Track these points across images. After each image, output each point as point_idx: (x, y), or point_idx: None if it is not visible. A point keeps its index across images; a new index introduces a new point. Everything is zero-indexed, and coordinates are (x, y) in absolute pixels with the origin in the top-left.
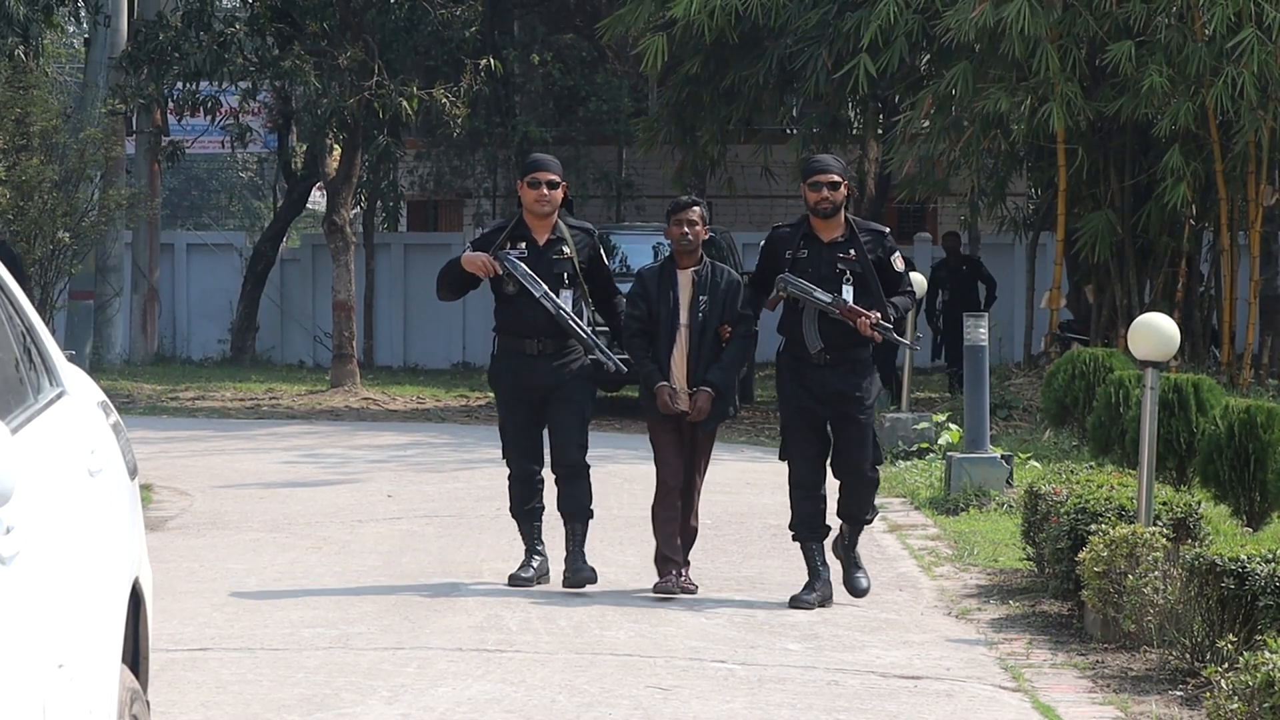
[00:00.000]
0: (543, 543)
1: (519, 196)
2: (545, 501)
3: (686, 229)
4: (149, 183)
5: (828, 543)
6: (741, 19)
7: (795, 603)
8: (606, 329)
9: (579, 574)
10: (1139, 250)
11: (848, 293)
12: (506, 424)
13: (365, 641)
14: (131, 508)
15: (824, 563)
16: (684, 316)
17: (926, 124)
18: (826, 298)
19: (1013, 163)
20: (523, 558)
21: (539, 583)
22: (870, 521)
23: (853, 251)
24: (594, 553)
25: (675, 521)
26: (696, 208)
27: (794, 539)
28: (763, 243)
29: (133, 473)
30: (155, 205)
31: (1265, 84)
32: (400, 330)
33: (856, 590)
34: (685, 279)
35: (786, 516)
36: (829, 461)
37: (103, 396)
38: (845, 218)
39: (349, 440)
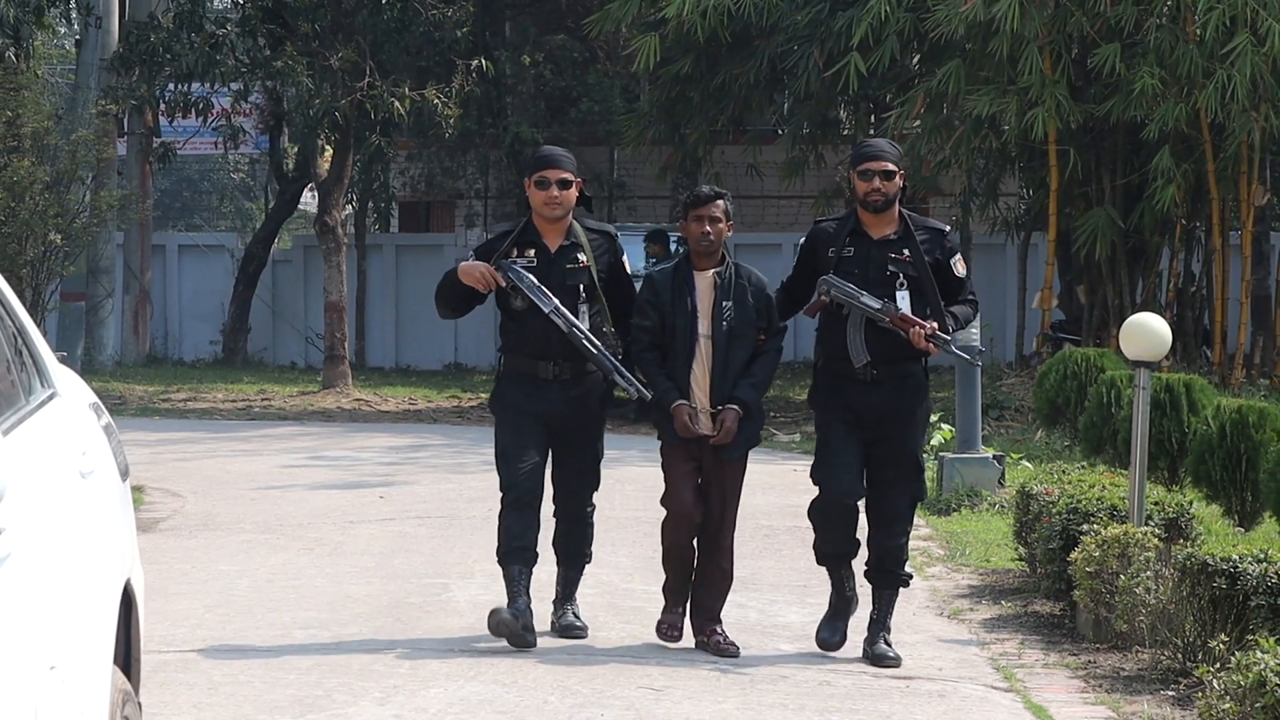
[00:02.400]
0: (529, 597)
1: (526, 197)
2: (540, 549)
3: (708, 227)
4: (140, 184)
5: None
6: (734, 18)
7: (825, 645)
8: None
9: (570, 629)
10: (1130, 250)
11: (901, 299)
12: (508, 444)
13: (357, 643)
14: (123, 509)
15: (854, 588)
16: (704, 326)
17: (918, 123)
18: (876, 304)
19: (1004, 162)
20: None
21: (524, 638)
22: (907, 583)
23: (907, 251)
24: None
25: (689, 559)
26: (720, 201)
27: (819, 563)
28: (801, 240)
29: (124, 474)
30: (147, 207)
31: (1257, 86)
32: (392, 331)
33: (883, 660)
34: (704, 282)
35: (778, 516)
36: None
37: (94, 398)
38: (899, 212)
39: (341, 441)
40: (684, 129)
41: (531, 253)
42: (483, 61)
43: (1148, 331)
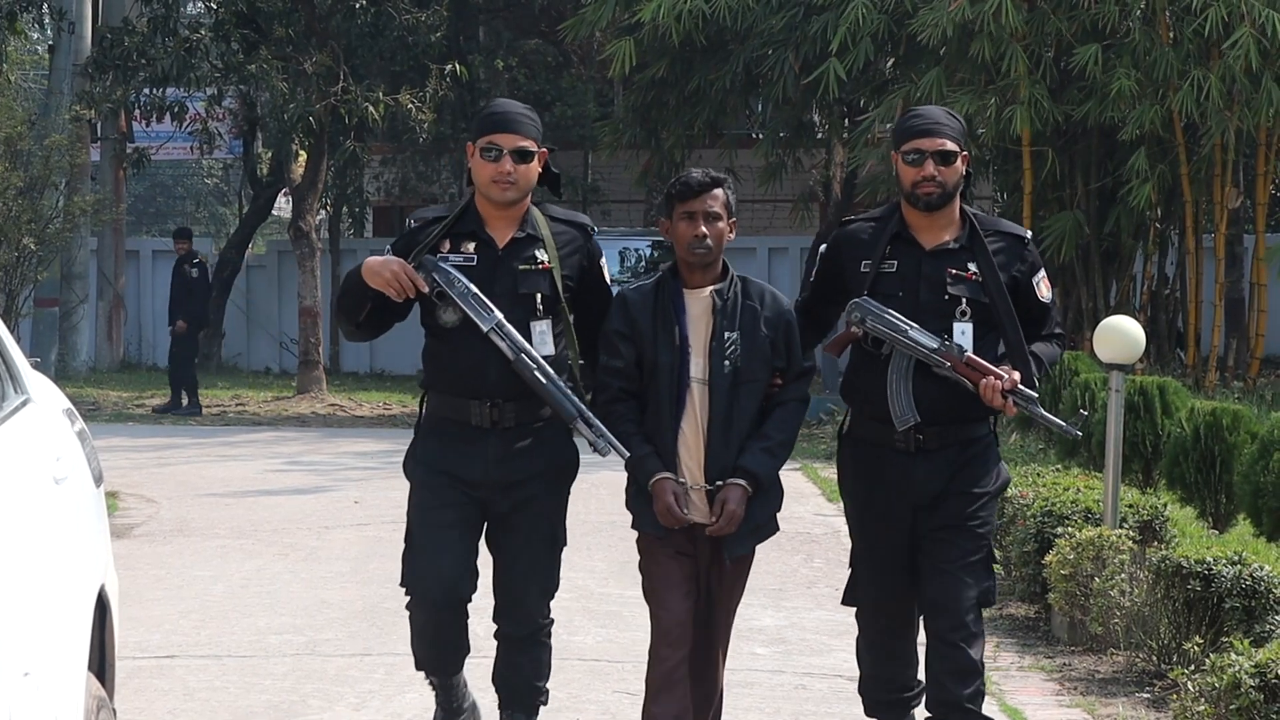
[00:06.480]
0: (469, 693)
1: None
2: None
3: (704, 227)
4: (114, 189)
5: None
6: (709, 21)
7: None
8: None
9: None
10: (1104, 253)
11: (960, 333)
12: (416, 525)
13: (332, 648)
14: (97, 515)
15: None
16: (698, 366)
17: (890, 125)
18: (931, 341)
19: (978, 166)
20: None
21: None
22: (979, 711)
23: (973, 267)
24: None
25: (683, 698)
26: (719, 190)
27: (869, 714)
28: (822, 247)
29: (98, 480)
30: (120, 212)
31: (1230, 86)
32: None
33: None
34: (698, 305)
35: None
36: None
37: (68, 404)
38: (961, 211)
39: (316, 446)
40: (660, 133)
41: (471, 247)
42: (456, 66)
43: (1122, 334)
